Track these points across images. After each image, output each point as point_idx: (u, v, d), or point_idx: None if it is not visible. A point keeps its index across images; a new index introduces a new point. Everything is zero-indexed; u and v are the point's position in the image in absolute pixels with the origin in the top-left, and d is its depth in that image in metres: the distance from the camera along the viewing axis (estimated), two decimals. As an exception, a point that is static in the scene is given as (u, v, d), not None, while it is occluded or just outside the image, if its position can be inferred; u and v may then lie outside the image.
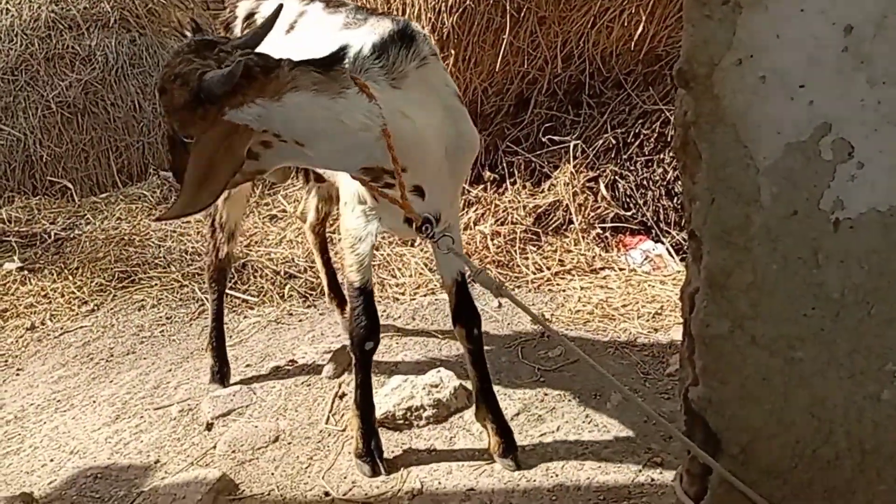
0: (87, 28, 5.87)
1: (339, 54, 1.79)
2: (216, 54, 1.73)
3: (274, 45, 1.88)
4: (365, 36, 1.96)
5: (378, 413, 2.50)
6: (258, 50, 1.82)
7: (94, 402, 3.02)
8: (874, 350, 1.28)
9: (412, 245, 4.01)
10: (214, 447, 2.59)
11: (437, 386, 2.62)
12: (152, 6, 6.14)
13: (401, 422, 2.57)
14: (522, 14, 3.94)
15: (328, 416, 2.69)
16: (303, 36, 2.32)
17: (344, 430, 2.59)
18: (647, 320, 3.18)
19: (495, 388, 2.47)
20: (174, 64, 1.73)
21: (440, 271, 2.38)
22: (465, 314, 2.32)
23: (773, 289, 1.31)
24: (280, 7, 1.90)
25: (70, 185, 5.42)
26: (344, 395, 2.80)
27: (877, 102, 1.20)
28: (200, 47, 1.75)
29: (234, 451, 2.55)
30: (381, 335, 2.48)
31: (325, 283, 3.35)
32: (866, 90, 1.20)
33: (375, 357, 2.43)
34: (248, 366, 3.14)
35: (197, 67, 1.69)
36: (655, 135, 3.89)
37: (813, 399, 1.34)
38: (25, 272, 4.28)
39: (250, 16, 2.49)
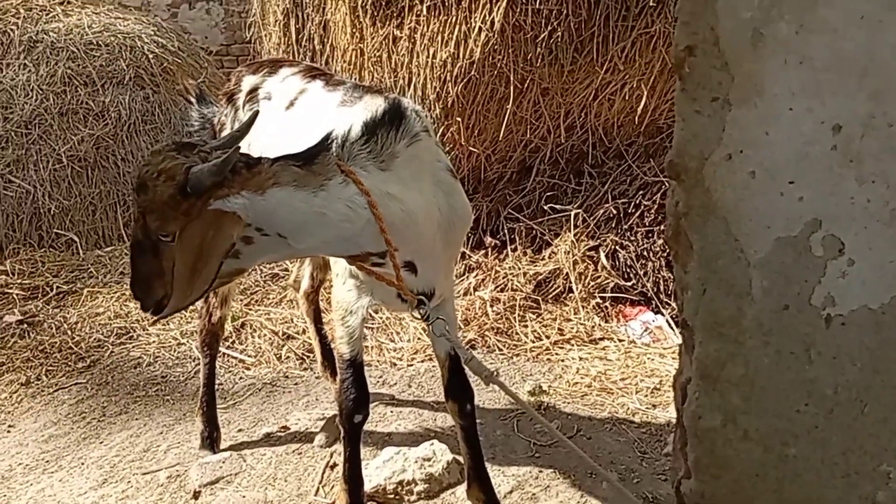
0: (103, 84, 5.97)
1: (323, 145, 1.85)
2: (196, 153, 1.81)
3: (275, 121, 1.92)
4: (358, 114, 1.99)
5: (368, 486, 2.45)
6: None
7: (83, 463, 2.96)
8: (868, 450, 1.26)
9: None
10: (201, 517, 2.54)
11: (429, 459, 2.57)
12: (167, 65, 6.28)
13: (391, 496, 2.52)
14: (526, 85, 4.02)
15: (318, 488, 2.64)
16: (301, 113, 2.37)
17: None
18: (646, 395, 3.14)
19: (489, 463, 2.42)
20: (156, 161, 1.79)
21: (433, 345, 2.36)
22: (457, 389, 2.30)
23: (765, 383, 1.29)
24: (256, 113, 1.98)
25: (76, 238, 5.44)
26: (335, 465, 2.74)
27: (866, 200, 1.21)
28: (181, 147, 1.83)
29: (220, 522, 2.50)
30: (377, 402, 2.45)
31: (317, 351, 3.32)
32: (856, 188, 1.21)
33: (369, 425, 2.39)
34: (239, 430, 3.10)
35: (182, 162, 1.76)
36: (656, 206, 3.92)
37: (807, 498, 1.30)
38: (25, 325, 4.27)
39: (253, 90, 2.54)
